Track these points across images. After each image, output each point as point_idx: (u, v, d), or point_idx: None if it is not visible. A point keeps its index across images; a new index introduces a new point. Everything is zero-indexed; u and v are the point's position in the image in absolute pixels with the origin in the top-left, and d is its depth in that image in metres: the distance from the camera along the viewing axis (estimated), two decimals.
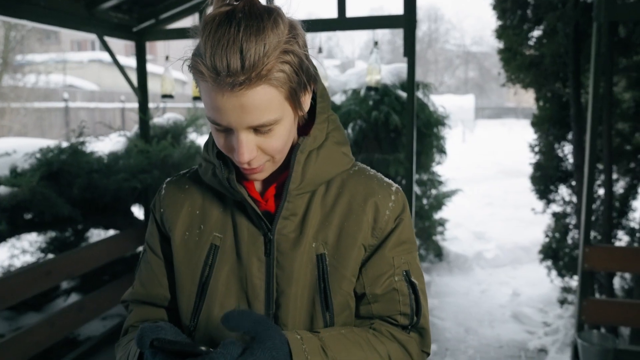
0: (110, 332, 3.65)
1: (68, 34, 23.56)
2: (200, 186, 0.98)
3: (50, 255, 3.90)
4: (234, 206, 0.94)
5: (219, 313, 0.90)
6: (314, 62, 0.89)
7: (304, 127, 0.94)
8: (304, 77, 0.82)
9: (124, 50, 23.64)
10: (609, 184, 3.66)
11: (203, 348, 0.72)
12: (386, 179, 0.98)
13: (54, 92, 15.67)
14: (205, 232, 0.95)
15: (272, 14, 0.78)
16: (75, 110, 15.51)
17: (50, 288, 3.29)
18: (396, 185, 0.98)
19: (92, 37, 3.25)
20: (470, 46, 38.88)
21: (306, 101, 0.87)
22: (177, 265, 0.96)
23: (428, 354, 0.98)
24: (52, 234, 3.69)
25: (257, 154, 0.83)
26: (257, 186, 0.95)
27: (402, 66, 4.20)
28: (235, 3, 0.79)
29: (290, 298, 0.90)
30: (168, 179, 1.05)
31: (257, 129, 0.81)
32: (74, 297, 4.08)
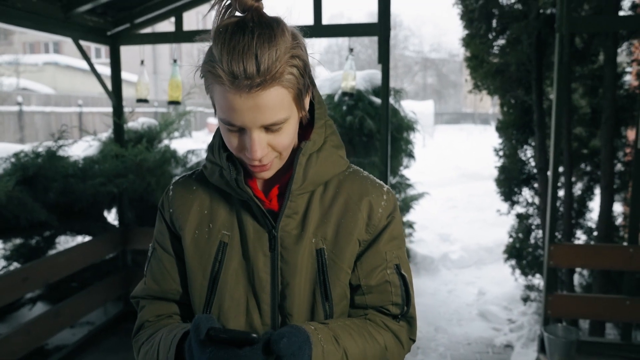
0: (81, 342, 3.57)
1: (20, 35, 22.70)
2: (207, 187, 1.04)
3: (16, 264, 3.79)
4: (239, 205, 1.00)
5: (229, 304, 0.97)
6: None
7: (303, 132, 1.01)
8: (308, 79, 0.90)
9: (80, 53, 22.87)
10: (568, 186, 3.87)
11: (254, 335, 0.77)
12: (378, 180, 1.06)
13: (7, 96, 15.10)
14: (214, 230, 1.00)
15: (280, 24, 0.86)
16: (30, 114, 15.00)
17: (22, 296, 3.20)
18: (387, 186, 1.06)
19: (45, 39, 3.21)
20: (428, 53, 39.72)
21: (307, 102, 0.95)
22: (189, 262, 1.01)
23: (414, 341, 1.08)
24: (22, 239, 3.59)
25: (267, 151, 0.90)
26: (261, 187, 1.02)
27: (374, 72, 4.32)
28: (239, 14, 0.86)
29: (295, 290, 0.97)
30: (174, 180, 1.10)
31: (268, 128, 0.88)
32: (40, 307, 3.97)
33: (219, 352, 0.79)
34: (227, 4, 0.87)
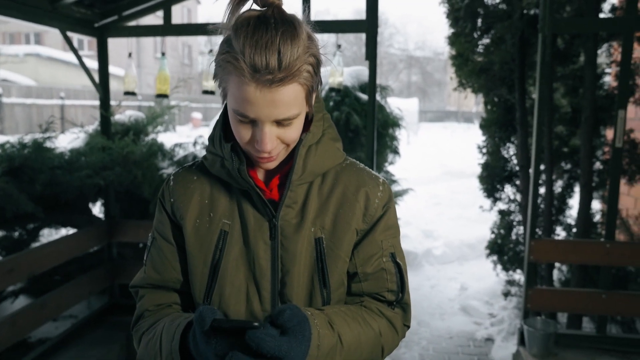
0: (65, 334, 3.56)
1: None
2: (208, 177, 1.06)
3: None
4: (240, 195, 1.03)
5: (230, 291, 1.00)
6: None
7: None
8: (319, 76, 0.94)
9: (62, 45, 22.60)
10: (549, 183, 3.95)
11: (256, 324, 0.79)
12: (374, 172, 1.10)
13: None
14: (214, 219, 1.03)
15: (299, 22, 0.88)
16: (10, 106, 14.74)
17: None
18: (382, 177, 1.10)
19: (26, 30, 3.19)
20: (413, 51, 39.90)
21: (314, 97, 0.98)
22: (190, 250, 1.03)
23: (408, 327, 1.12)
24: (4, 232, 3.55)
25: (276, 144, 0.93)
26: (262, 177, 1.05)
27: (361, 69, 4.35)
28: (258, 9, 0.89)
29: (294, 277, 1.00)
30: (174, 171, 1.13)
31: (279, 122, 0.91)
32: (22, 300, 3.93)
33: (224, 341, 0.81)
34: None
